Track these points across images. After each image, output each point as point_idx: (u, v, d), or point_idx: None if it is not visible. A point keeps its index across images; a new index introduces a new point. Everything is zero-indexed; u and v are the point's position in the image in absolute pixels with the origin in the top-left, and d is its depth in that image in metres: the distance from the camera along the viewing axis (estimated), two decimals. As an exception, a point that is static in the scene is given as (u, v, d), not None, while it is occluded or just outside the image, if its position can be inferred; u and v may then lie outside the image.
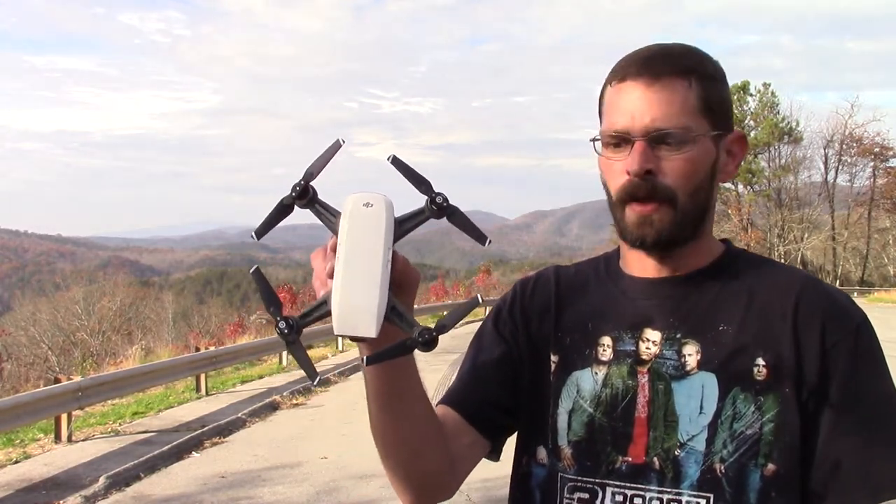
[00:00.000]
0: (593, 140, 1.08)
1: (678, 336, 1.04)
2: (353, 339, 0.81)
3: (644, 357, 1.05)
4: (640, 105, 1.01)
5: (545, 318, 1.14)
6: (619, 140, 1.03)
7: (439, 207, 0.83)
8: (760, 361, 1.00)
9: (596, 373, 1.08)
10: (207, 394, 11.90)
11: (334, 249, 0.82)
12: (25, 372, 28.21)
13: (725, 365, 1.01)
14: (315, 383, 0.87)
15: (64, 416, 8.66)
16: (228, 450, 8.32)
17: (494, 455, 1.17)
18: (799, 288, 1.04)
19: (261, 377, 13.77)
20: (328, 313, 0.80)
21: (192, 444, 8.44)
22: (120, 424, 9.65)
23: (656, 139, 1.01)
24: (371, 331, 0.79)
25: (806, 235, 53.74)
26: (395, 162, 0.86)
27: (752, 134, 54.34)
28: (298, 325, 0.81)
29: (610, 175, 1.05)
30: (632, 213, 1.03)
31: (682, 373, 1.03)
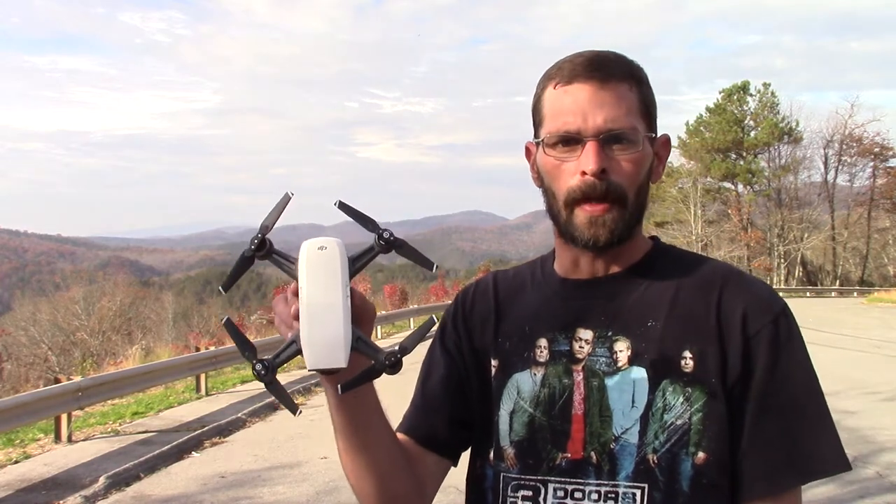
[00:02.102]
0: (538, 141, 1.10)
1: (609, 334, 1.08)
2: (325, 372, 0.87)
3: (578, 356, 1.09)
4: (591, 106, 1.04)
5: (486, 326, 1.19)
6: (568, 140, 1.05)
7: (387, 242, 0.90)
8: (687, 354, 1.04)
9: (534, 374, 1.11)
10: (207, 394, 11.91)
11: (296, 293, 0.88)
12: (25, 372, 28.23)
13: (654, 359, 1.05)
14: (297, 415, 0.94)
15: (64, 416, 8.66)
16: (228, 450, 8.32)
17: (453, 463, 1.22)
18: (721, 282, 1.09)
19: (261, 377, 13.76)
20: (298, 352, 0.86)
21: (192, 444, 8.44)
22: (120, 424, 9.65)
23: (608, 139, 1.04)
24: (341, 361, 0.85)
25: (806, 235, 53.68)
26: (342, 206, 0.92)
27: (752, 134, 54.33)
28: (273, 365, 0.87)
29: (556, 176, 1.07)
30: (583, 213, 1.06)
31: (614, 369, 1.07)
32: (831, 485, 6.22)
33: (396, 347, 0.88)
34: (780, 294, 1.11)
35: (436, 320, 0.94)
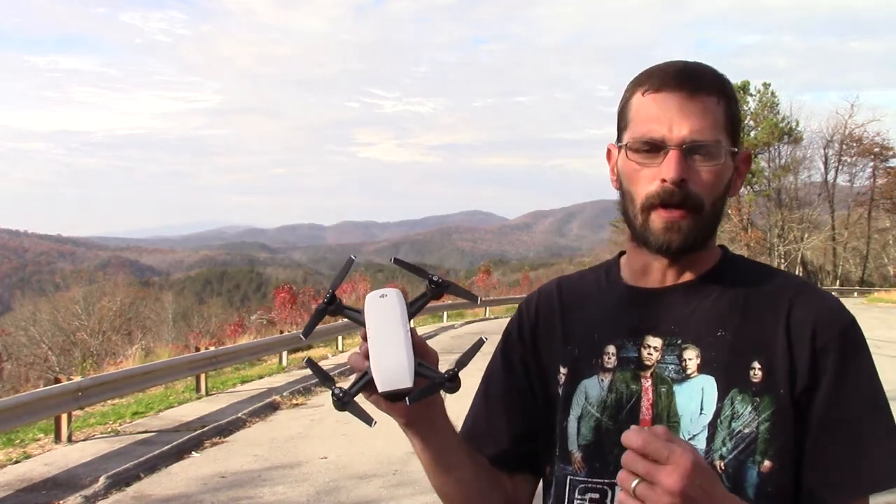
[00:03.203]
0: (621, 145, 1.12)
1: (679, 342, 1.10)
2: (395, 394, 0.97)
3: (647, 362, 1.11)
4: (678, 116, 1.06)
5: (553, 335, 1.21)
6: (651, 147, 1.08)
7: (437, 285, 1.02)
8: (756, 364, 1.06)
9: (602, 380, 1.13)
10: (207, 394, 11.90)
11: (365, 338, 1.00)
12: (25, 372, 28.23)
13: (724, 368, 1.07)
14: (372, 425, 1.01)
15: (64, 416, 8.66)
16: (228, 450, 8.32)
17: (535, 475, 1.26)
18: (792, 294, 1.10)
19: (261, 377, 13.77)
20: (370, 382, 0.98)
21: (192, 444, 8.44)
22: (120, 424, 9.65)
23: (691, 150, 1.06)
24: (407, 381, 0.96)
25: (806, 235, 53.66)
26: (397, 262, 1.08)
27: (752, 134, 54.31)
28: (349, 393, 0.99)
29: (636, 180, 1.10)
30: (658, 218, 1.08)
31: (682, 376, 1.08)
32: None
33: (453, 370, 0.99)
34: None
35: (485, 340, 1.02)
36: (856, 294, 46.43)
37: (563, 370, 1.18)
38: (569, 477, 1.14)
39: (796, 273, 53.67)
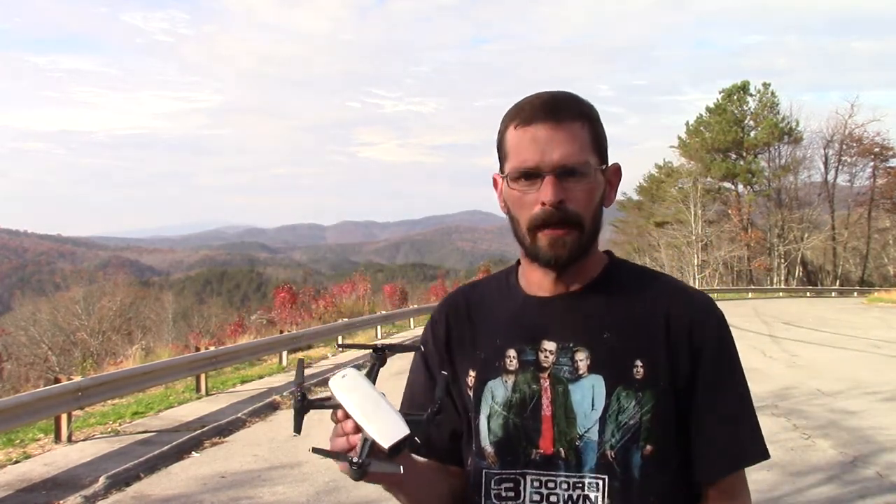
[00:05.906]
0: (504, 176, 1.24)
1: (571, 345, 1.23)
2: (399, 443, 1.07)
3: (544, 364, 1.24)
4: (548, 145, 1.18)
5: (463, 341, 1.33)
6: (529, 175, 1.19)
7: (380, 351, 1.15)
8: (638, 363, 1.20)
9: (506, 381, 1.26)
10: (207, 394, 11.89)
11: (339, 420, 1.12)
12: (25, 372, 28.23)
13: (610, 367, 1.21)
14: (401, 472, 1.12)
15: (64, 416, 8.65)
16: (228, 450, 8.32)
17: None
18: (669, 298, 1.25)
19: (261, 377, 13.76)
20: (373, 445, 1.08)
21: (192, 444, 8.44)
22: (120, 424, 9.65)
23: (564, 173, 1.19)
24: (405, 429, 1.07)
25: (806, 235, 53.61)
26: (343, 345, 1.28)
27: (752, 134, 54.28)
28: (363, 462, 1.10)
29: (520, 205, 1.22)
30: (544, 237, 1.20)
31: (575, 376, 1.22)
32: (831, 485, 6.22)
33: (436, 406, 1.13)
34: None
35: (444, 374, 1.19)
36: (856, 294, 46.34)
37: (471, 373, 1.29)
38: (484, 470, 1.26)
39: (796, 273, 53.81)
